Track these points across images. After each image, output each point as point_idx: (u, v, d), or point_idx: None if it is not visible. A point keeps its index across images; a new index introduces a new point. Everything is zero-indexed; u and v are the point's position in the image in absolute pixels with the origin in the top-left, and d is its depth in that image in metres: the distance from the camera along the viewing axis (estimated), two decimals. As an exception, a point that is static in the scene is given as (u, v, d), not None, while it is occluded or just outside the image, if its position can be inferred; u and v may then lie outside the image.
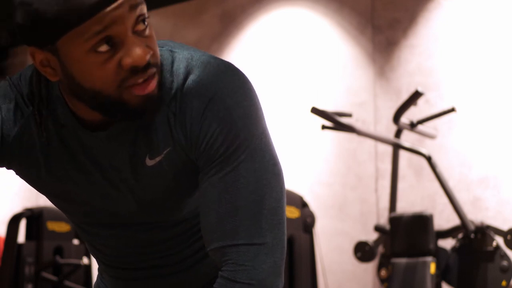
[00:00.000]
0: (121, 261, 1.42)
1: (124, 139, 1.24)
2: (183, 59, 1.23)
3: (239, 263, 1.20)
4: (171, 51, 1.25)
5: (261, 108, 1.25)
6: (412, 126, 4.25)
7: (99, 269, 1.54)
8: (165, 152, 1.24)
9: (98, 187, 1.30)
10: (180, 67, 1.22)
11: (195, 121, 1.21)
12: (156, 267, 1.40)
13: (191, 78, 1.21)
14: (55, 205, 1.39)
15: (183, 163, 1.25)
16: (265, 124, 1.25)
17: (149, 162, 1.26)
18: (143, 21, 1.16)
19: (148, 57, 1.15)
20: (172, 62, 1.23)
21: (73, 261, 4.80)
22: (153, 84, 1.17)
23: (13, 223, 4.69)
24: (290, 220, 4.25)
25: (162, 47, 1.25)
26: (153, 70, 1.17)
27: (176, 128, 1.22)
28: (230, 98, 1.20)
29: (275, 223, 1.22)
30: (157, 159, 1.25)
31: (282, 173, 1.27)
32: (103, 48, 1.12)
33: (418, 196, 4.79)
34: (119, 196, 1.31)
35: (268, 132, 1.26)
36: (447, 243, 4.16)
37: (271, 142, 1.26)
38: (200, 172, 1.24)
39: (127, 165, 1.27)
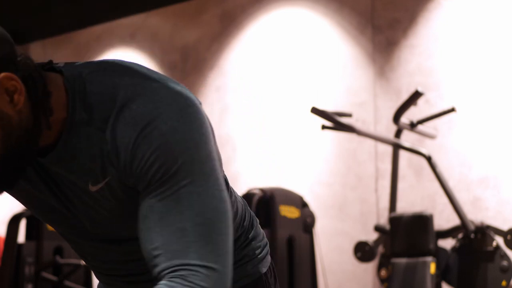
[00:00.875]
0: (101, 266, 1.45)
1: (63, 166, 1.26)
2: (124, 86, 1.21)
3: (189, 279, 1.16)
4: (111, 76, 1.23)
5: (205, 133, 1.21)
6: (412, 126, 4.25)
7: None
8: (106, 180, 1.24)
9: (55, 201, 1.33)
10: (119, 94, 1.21)
11: (128, 150, 1.19)
12: (133, 275, 1.41)
13: (128, 105, 1.19)
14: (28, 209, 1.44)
15: (123, 190, 1.25)
16: (211, 149, 1.22)
17: (92, 188, 1.26)
18: None
19: None
20: (113, 89, 1.21)
21: (73, 261, 4.80)
22: None
23: (13, 223, 4.69)
24: (290, 220, 4.25)
25: (104, 72, 1.24)
26: None
27: (111, 157, 1.21)
28: (165, 124, 1.18)
29: (225, 251, 1.19)
30: (99, 185, 1.25)
31: (228, 201, 1.22)
32: None
33: (418, 196, 4.79)
34: (73, 214, 1.33)
35: (214, 157, 1.22)
36: (447, 243, 4.16)
37: (217, 168, 1.22)
38: (140, 198, 1.23)
39: (72, 189, 1.29)
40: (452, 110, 4.14)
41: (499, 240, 3.93)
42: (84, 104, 1.22)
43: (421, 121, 4.26)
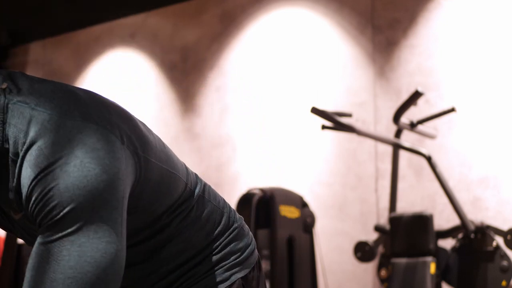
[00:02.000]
0: None
1: None
2: (39, 121, 1.19)
3: None
4: (32, 109, 1.20)
5: (108, 179, 1.17)
6: (412, 126, 4.25)
7: None
8: (22, 212, 1.24)
9: (2, 218, 1.38)
10: (31, 129, 1.19)
11: (26, 191, 1.17)
12: None
13: (37, 143, 1.17)
14: None
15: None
16: (109, 197, 1.17)
17: (15, 216, 1.28)
18: None
19: None
20: (28, 123, 1.20)
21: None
22: None
23: (13, 223, 4.69)
24: (290, 220, 4.25)
25: (27, 104, 1.21)
26: None
27: (19, 193, 1.21)
28: (60, 169, 1.15)
29: None
30: (19, 215, 1.27)
31: (119, 254, 1.17)
32: None
33: (418, 196, 4.79)
34: (15, 230, 1.38)
35: (112, 206, 1.18)
36: (447, 243, 4.16)
37: (114, 218, 1.18)
38: None
39: (5, 214, 1.33)
40: (452, 110, 4.14)
41: (499, 240, 3.93)
42: (3, 135, 1.20)
43: (421, 121, 4.26)
